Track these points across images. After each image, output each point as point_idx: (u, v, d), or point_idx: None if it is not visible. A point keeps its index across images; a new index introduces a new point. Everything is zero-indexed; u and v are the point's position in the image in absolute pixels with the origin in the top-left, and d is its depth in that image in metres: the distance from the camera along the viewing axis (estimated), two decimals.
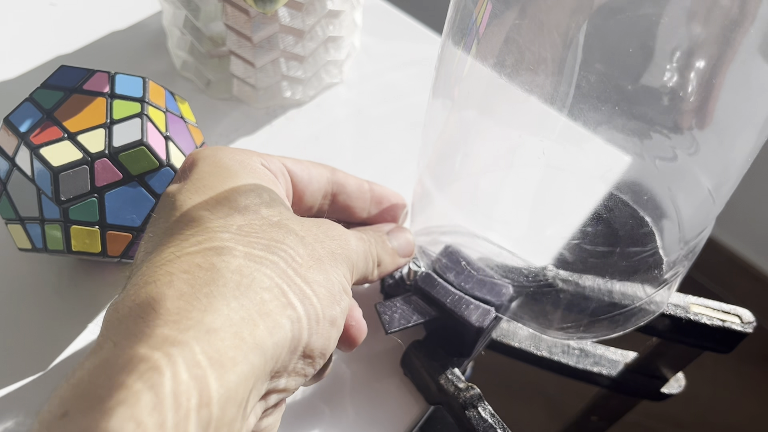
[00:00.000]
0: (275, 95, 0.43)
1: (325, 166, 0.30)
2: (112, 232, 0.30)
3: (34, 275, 0.34)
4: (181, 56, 0.43)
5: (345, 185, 0.30)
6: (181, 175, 0.26)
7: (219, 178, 0.24)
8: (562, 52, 0.23)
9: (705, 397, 1.02)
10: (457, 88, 0.28)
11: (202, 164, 0.25)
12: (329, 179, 0.30)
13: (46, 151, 0.28)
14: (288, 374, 0.22)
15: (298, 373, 0.23)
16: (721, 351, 0.35)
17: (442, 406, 0.31)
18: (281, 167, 0.28)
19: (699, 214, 0.30)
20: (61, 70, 0.31)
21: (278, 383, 0.22)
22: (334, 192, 0.30)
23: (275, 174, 0.27)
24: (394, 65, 0.47)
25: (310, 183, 0.29)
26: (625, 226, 0.29)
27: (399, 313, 0.30)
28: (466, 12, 0.26)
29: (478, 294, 0.30)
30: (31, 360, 0.31)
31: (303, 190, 0.29)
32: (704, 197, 0.28)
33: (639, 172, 0.28)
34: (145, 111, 0.30)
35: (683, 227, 0.29)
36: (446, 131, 0.30)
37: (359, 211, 0.31)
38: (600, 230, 0.29)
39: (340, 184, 0.30)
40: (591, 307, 0.31)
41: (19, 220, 0.30)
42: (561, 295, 0.31)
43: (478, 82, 0.27)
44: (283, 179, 0.28)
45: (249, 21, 0.38)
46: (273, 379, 0.21)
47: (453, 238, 0.32)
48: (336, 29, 0.42)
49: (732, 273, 1.13)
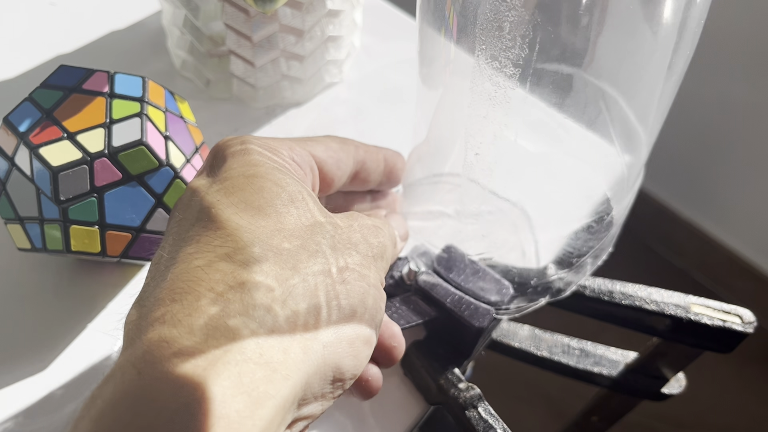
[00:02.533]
0: (275, 95, 0.43)
1: (349, 145, 0.29)
2: (112, 232, 0.30)
3: (33, 275, 0.34)
4: (181, 56, 0.43)
5: (366, 162, 0.30)
6: (209, 170, 0.24)
7: (251, 179, 0.22)
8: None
9: (705, 398, 1.02)
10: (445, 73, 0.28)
11: (233, 162, 0.23)
12: (355, 160, 0.29)
13: (46, 151, 0.28)
14: (316, 399, 0.21)
15: (326, 398, 0.21)
16: (721, 351, 0.35)
17: (442, 407, 0.31)
18: (309, 160, 0.26)
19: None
20: (61, 69, 0.31)
21: (306, 410, 0.21)
22: (356, 170, 0.29)
23: (303, 169, 0.26)
24: (394, 65, 0.47)
25: (338, 169, 0.28)
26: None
27: (399, 313, 0.30)
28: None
29: (478, 294, 0.30)
30: (30, 360, 0.31)
31: (332, 177, 0.28)
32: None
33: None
34: (145, 111, 0.30)
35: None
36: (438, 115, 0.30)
37: (372, 183, 0.31)
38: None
39: (363, 162, 0.29)
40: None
41: (19, 220, 0.30)
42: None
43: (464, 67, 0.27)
44: (310, 173, 0.26)
45: (249, 20, 0.38)
46: (301, 407, 0.20)
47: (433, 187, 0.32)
48: (336, 29, 0.42)
49: (732, 273, 1.13)
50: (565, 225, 0.33)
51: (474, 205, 0.31)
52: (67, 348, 0.31)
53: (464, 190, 0.31)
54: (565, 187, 0.32)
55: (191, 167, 0.32)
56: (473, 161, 0.28)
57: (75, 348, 0.31)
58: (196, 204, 0.22)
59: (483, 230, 0.32)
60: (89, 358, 0.31)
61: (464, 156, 0.29)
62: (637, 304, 0.34)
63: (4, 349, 0.31)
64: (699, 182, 1.10)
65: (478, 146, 0.28)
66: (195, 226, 0.21)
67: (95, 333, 0.32)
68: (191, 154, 0.32)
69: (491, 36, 0.24)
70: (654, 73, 0.26)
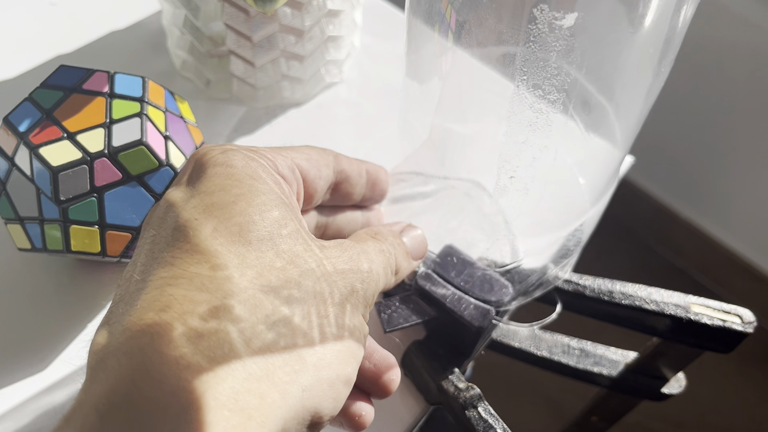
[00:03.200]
0: (275, 95, 0.43)
1: (328, 154, 0.28)
2: (112, 232, 0.30)
3: (33, 275, 0.34)
4: (181, 56, 0.43)
5: (347, 173, 0.28)
6: (186, 179, 0.22)
7: (231, 195, 0.21)
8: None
9: (705, 398, 1.02)
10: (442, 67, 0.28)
11: (213, 174, 0.21)
12: (335, 170, 0.28)
13: (46, 151, 0.28)
14: None
15: None
16: (721, 351, 0.35)
17: (443, 406, 0.31)
18: (293, 167, 0.25)
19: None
20: (61, 69, 0.31)
21: None
22: (337, 181, 0.28)
23: (288, 180, 0.24)
24: (394, 64, 0.47)
25: (319, 179, 0.27)
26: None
27: (398, 312, 0.30)
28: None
29: (478, 294, 0.30)
30: (30, 360, 0.31)
31: (313, 187, 0.26)
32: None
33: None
34: (145, 111, 0.30)
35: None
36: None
37: (356, 196, 0.30)
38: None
39: (343, 173, 0.28)
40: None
41: (19, 220, 0.30)
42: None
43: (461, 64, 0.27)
44: (294, 182, 0.25)
45: (249, 20, 0.38)
46: None
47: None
48: (336, 29, 0.42)
49: (732, 273, 1.13)
50: (563, 227, 0.33)
51: (480, 215, 0.31)
52: (68, 348, 0.31)
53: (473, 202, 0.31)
54: (567, 190, 0.32)
55: None
56: (507, 184, 0.28)
57: (74, 348, 0.31)
58: (171, 220, 0.20)
59: (487, 236, 0.32)
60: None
61: (496, 179, 0.29)
62: (637, 304, 0.34)
63: (5, 349, 0.31)
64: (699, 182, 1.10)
65: (513, 170, 0.28)
66: (169, 246, 0.20)
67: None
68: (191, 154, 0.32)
69: (535, 66, 0.24)
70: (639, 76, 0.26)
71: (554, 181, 0.29)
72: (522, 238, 0.32)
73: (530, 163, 0.27)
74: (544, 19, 0.22)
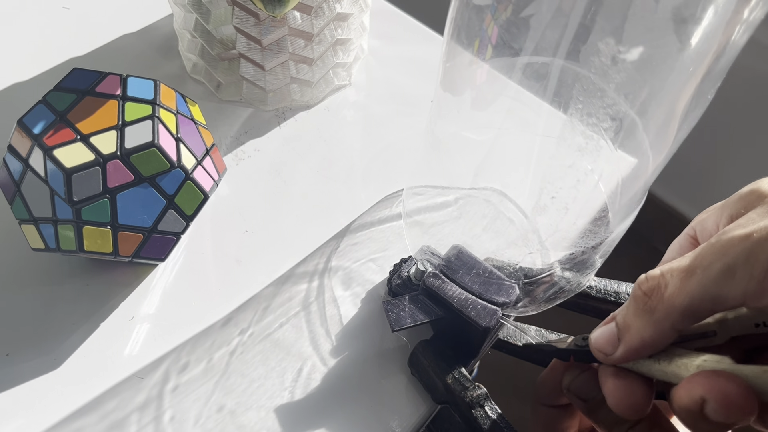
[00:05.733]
0: (284, 97, 0.44)
1: None
2: (124, 233, 0.30)
3: (47, 275, 0.34)
4: (192, 59, 0.44)
5: None
6: None
7: None
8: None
9: None
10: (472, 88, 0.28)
11: None
12: None
13: (59, 153, 0.28)
14: None
15: None
16: None
17: (449, 406, 0.31)
18: None
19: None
20: (74, 72, 0.31)
21: None
22: None
23: None
24: (402, 68, 0.48)
25: None
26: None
27: (405, 311, 0.30)
28: (472, 21, 0.26)
29: (485, 294, 0.30)
30: (43, 359, 0.31)
31: None
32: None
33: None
34: (157, 113, 0.30)
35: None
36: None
37: None
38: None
39: None
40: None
41: (33, 221, 0.30)
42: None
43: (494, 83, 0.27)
44: None
45: (259, 24, 0.39)
46: None
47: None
48: (344, 32, 0.42)
49: None
50: (594, 241, 0.33)
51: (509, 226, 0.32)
52: (80, 347, 0.32)
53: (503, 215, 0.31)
54: (602, 208, 0.33)
55: (202, 169, 0.32)
56: (548, 204, 0.29)
57: (88, 347, 0.32)
58: None
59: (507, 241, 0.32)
60: (102, 358, 0.31)
61: (537, 199, 0.29)
62: None
63: (18, 348, 0.31)
64: (704, 182, 1.10)
65: (556, 191, 0.28)
66: None
67: (108, 332, 0.32)
68: (202, 156, 0.32)
69: (592, 96, 0.24)
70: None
71: (593, 199, 0.30)
72: (554, 252, 0.32)
73: (574, 185, 0.28)
74: (608, 53, 0.22)
